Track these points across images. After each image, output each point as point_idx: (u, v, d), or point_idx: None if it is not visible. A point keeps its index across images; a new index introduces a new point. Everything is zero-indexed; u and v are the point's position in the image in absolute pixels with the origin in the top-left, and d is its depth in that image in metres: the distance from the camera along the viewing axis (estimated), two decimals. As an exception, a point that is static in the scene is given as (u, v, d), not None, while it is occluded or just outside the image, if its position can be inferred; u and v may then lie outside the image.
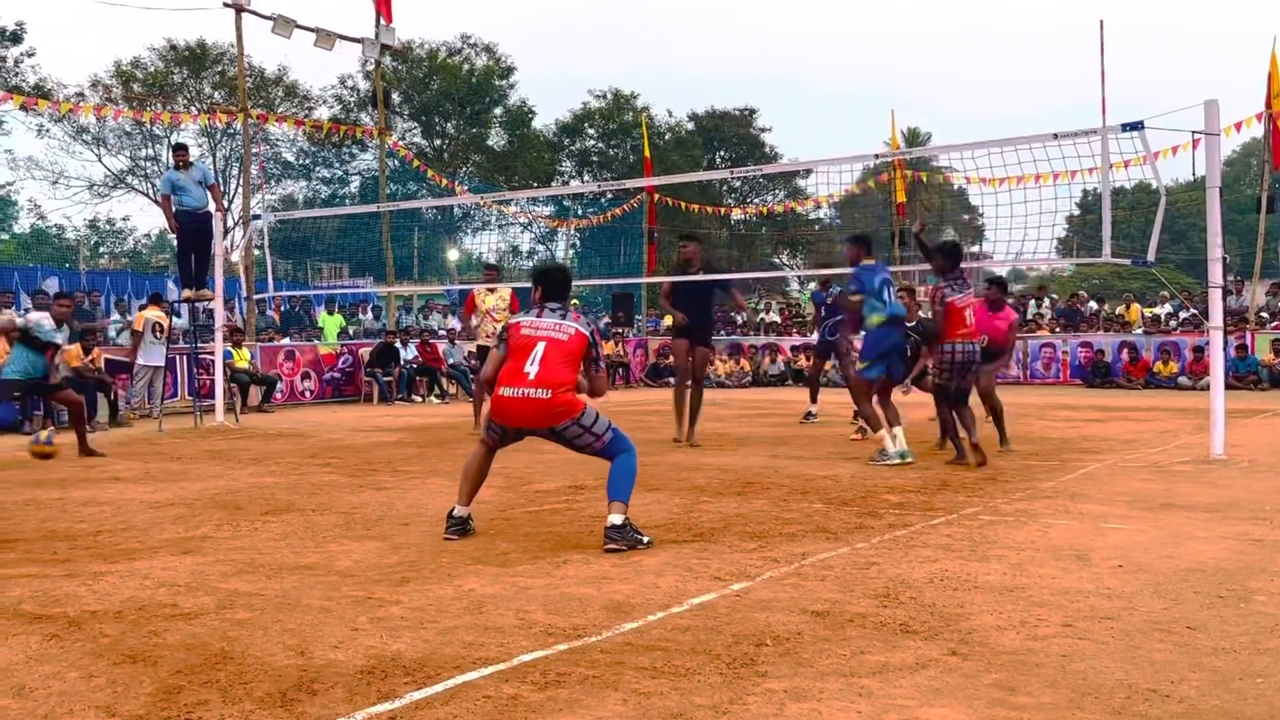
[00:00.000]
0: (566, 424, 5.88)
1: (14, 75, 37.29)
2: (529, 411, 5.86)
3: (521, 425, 5.96)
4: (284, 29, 18.43)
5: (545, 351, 5.89)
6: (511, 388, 5.86)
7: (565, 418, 5.86)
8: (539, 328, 6.00)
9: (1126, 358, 21.91)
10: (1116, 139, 9.32)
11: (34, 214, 45.32)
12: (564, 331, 5.98)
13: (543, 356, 5.87)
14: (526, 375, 5.84)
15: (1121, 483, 8.03)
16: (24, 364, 10.63)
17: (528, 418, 5.89)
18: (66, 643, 4.04)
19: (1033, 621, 4.21)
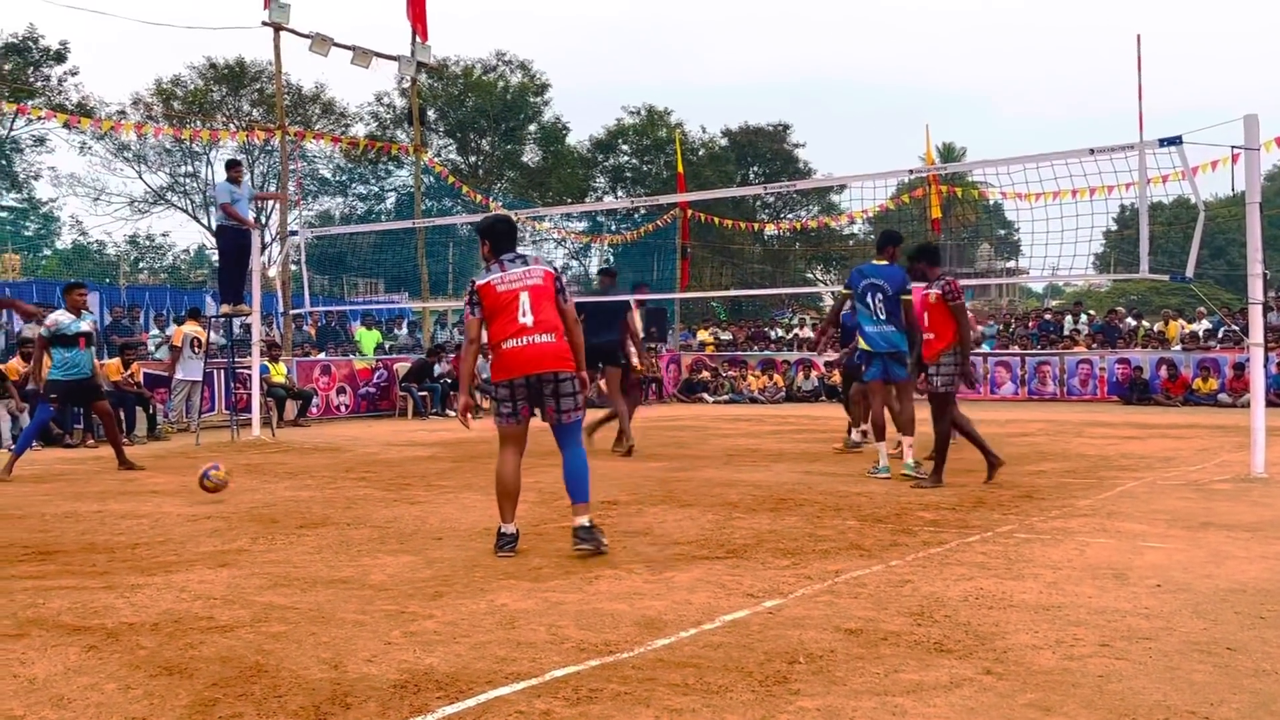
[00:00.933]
0: (570, 374, 6.04)
1: (58, 94, 37.86)
2: (540, 355, 5.94)
3: (533, 371, 5.95)
4: (321, 47, 18.63)
5: (531, 299, 5.98)
6: (516, 339, 5.93)
7: (570, 366, 6.05)
8: (511, 280, 6.05)
9: (1165, 374, 21.67)
10: (1154, 154, 9.24)
11: (76, 230, 45.98)
12: (535, 276, 6.07)
13: (531, 304, 5.97)
14: (525, 325, 5.95)
15: (1160, 501, 7.94)
16: (65, 364, 10.81)
17: (541, 361, 5.94)
18: (104, 654, 4.08)
19: (1069, 641, 4.16)
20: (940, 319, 8.87)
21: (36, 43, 37.74)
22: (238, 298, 14.71)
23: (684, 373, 26.17)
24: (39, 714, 3.45)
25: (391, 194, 47.96)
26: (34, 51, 37.82)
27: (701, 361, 25.96)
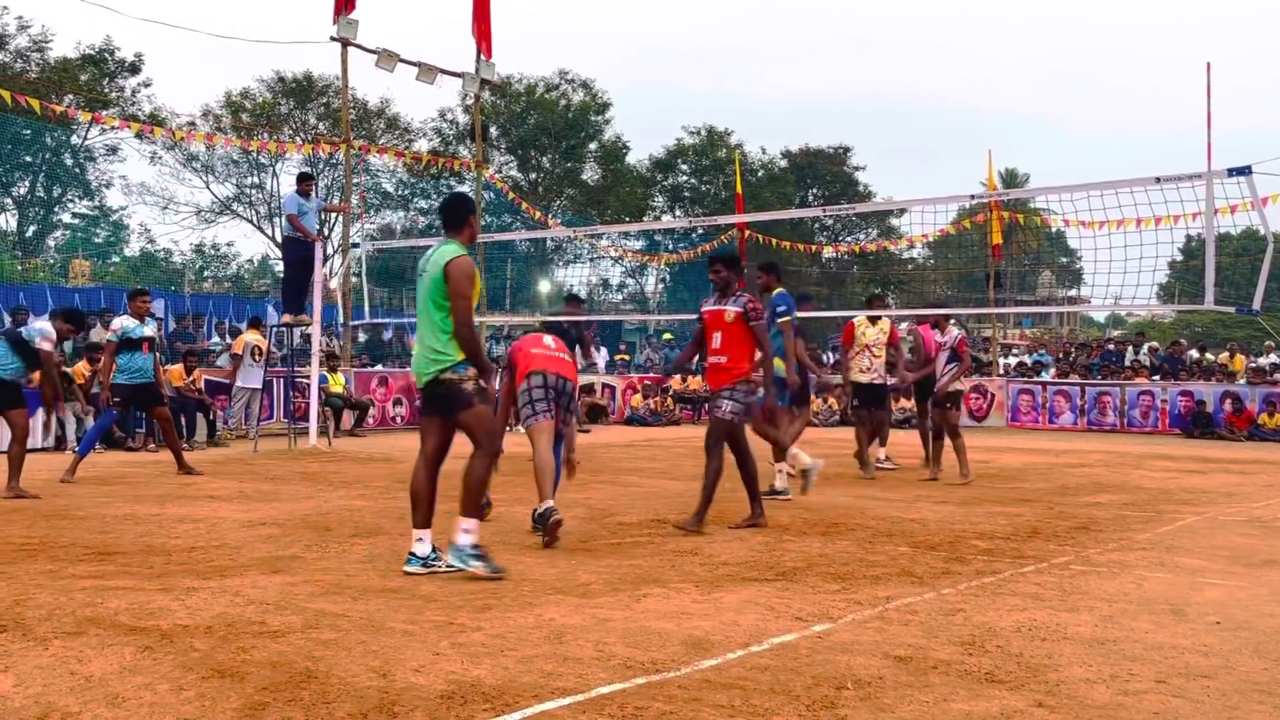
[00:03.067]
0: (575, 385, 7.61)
1: (131, 104, 38.71)
2: (561, 365, 7.49)
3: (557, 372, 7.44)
4: (387, 63, 18.87)
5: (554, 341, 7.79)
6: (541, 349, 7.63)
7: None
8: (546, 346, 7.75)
9: (1229, 408, 21.24)
10: (1222, 183, 9.11)
11: (144, 238, 46.96)
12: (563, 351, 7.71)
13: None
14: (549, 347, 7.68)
15: (1221, 537, 7.78)
16: (128, 369, 11.04)
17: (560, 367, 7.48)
18: (158, 655, 4.14)
19: (1124, 676, 4.09)
20: (737, 340, 7.79)
21: (113, 54, 38.65)
22: (299, 308, 14.92)
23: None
24: (94, 711, 3.51)
25: (452, 209, 48.33)
26: (110, 63, 38.73)
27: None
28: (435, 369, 5.93)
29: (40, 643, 4.30)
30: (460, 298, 5.88)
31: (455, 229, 6.20)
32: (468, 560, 5.81)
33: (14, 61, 36.17)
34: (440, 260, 5.95)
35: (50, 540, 6.83)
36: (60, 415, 13.93)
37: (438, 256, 6.00)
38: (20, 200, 40.13)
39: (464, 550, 5.84)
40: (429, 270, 5.98)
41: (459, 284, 5.88)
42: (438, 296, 5.91)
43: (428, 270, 6.00)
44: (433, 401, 6.12)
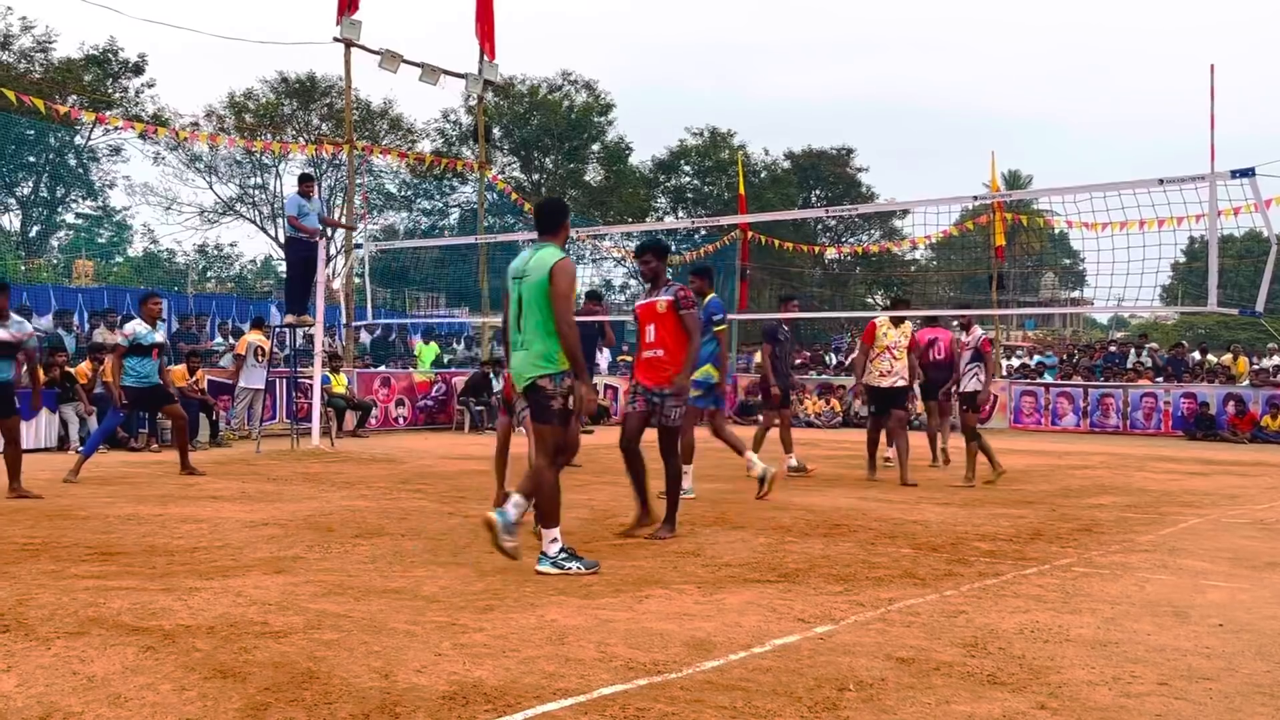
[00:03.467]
0: None
1: (135, 105, 38.75)
2: None
3: None
4: (391, 64, 18.89)
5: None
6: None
7: None
8: None
9: (1232, 410, 21.22)
10: (1225, 185, 9.09)
11: (147, 238, 47.00)
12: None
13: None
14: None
15: (1224, 539, 7.77)
16: (137, 373, 11.07)
17: None
18: (161, 655, 4.14)
19: (1126, 678, 4.09)
20: (672, 332, 7.45)
21: (116, 55, 38.69)
22: (303, 309, 14.93)
23: (740, 395, 26.09)
24: (96, 711, 3.51)
25: (455, 210, 48.46)
26: (114, 63, 38.77)
27: (757, 384, 25.85)
28: (536, 373, 6.07)
29: (43, 643, 4.30)
30: (563, 298, 6.02)
31: (552, 232, 6.35)
32: (564, 564, 5.95)
33: (18, 62, 36.21)
34: (547, 261, 6.06)
35: (53, 540, 6.84)
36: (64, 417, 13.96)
37: (542, 258, 6.10)
38: (24, 200, 40.17)
39: (557, 558, 5.98)
40: (533, 273, 6.07)
41: (563, 285, 6.02)
42: (543, 298, 6.03)
43: (531, 273, 6.09)
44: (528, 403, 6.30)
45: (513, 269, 6.26)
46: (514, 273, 6.22)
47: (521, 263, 6.21)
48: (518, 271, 6.19)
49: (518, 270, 6.20)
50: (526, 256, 6.22)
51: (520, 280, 6.15)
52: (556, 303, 6.01)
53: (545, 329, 6.05)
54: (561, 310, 6.01)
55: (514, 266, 6.26)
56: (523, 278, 6.13)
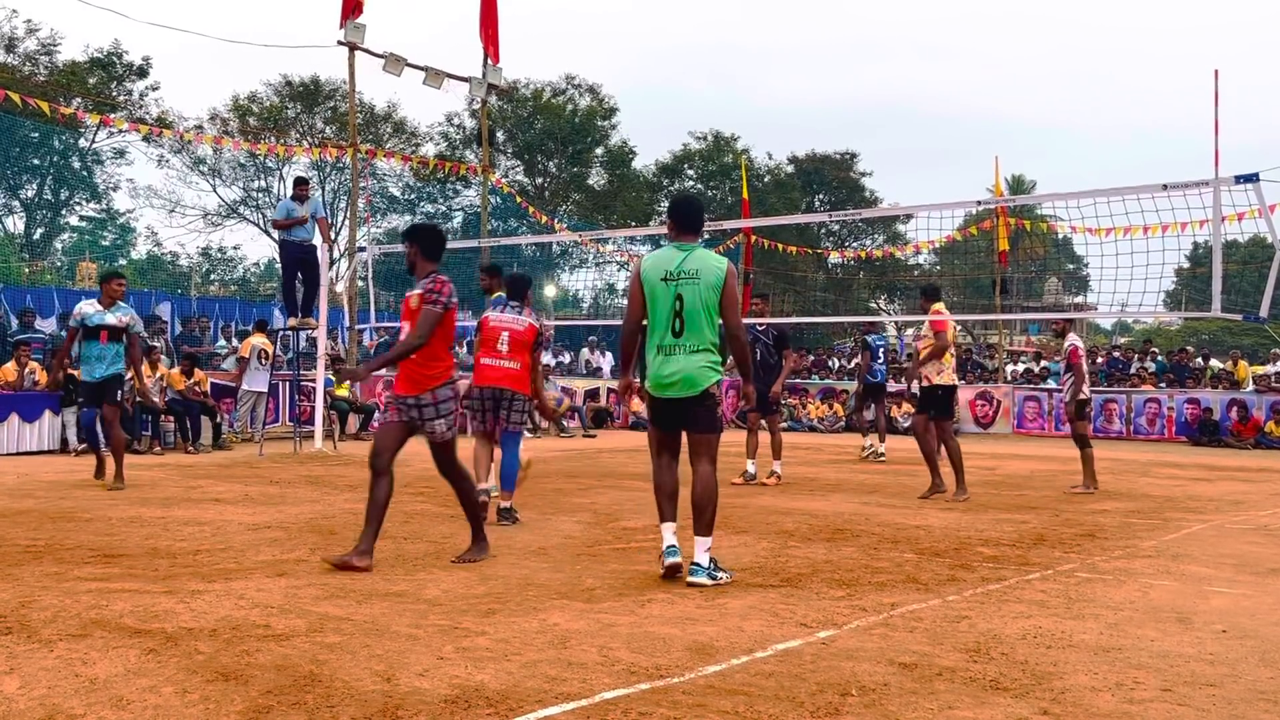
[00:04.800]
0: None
1: (139, 108, 38.80)
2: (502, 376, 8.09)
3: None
4: (395, 67, 18.90)
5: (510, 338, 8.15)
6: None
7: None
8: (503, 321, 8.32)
9: (1236, 416, 21.19)
10: (1229, 191, 9.10)
11: (151, 241, 47.06)
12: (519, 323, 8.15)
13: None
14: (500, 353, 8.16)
15: (1228, 544, 7.76)
16: (87, 360, 10.15)
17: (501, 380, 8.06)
18: (163, 658, 4.14)
19: (1129, 684, 4.08)
20: (524, 348, 7.38)
21: (121, 58, 38.75)
22: (295, 309, 14.94)
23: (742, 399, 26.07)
24: (98, 714, 3.51)
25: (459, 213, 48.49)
26: (118, 66, 38.83)
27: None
28: (709, 381, 5.84)
29: (45, 645, 4.30)
30: (737, 303, 5.89)
31: (695, 232, 6.08)
32: (716, 575, 5.83)
33: (23, 64, 36.28)
34: (716, 264, 5.86)
35: (56, 542, 6.84)
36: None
37: (708, 260, 5.89)
38: (28, 203, 40.25)
39: (710, 568, 5.83)
40: (703, 274, 5.83)
41: (736, 290, 5.89)
42: (715, 302, 5.83)
43: (700, 274, 5.83)
44: (680, 414, 5.95)
45: (664, 268, 5.89)
46: (665, 273, 5.87)
47: (676, 262, 5.89)
48: (673, 271, 5.86)
49: (673, 270, 5.86)
50: (679, 256, 5.90)
51: (679, 281, 5.83)
52: (732, 307, 5.84)
53: (713, 335, 5.86)
54: (738, 316, 5.90)
55: (665, 266, 5.90)
56: (683, 279, 5.82)
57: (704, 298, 5.81)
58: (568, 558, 6.62)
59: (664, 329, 5.87)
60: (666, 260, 5.92)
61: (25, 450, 13.70)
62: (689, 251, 5.92)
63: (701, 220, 6.15)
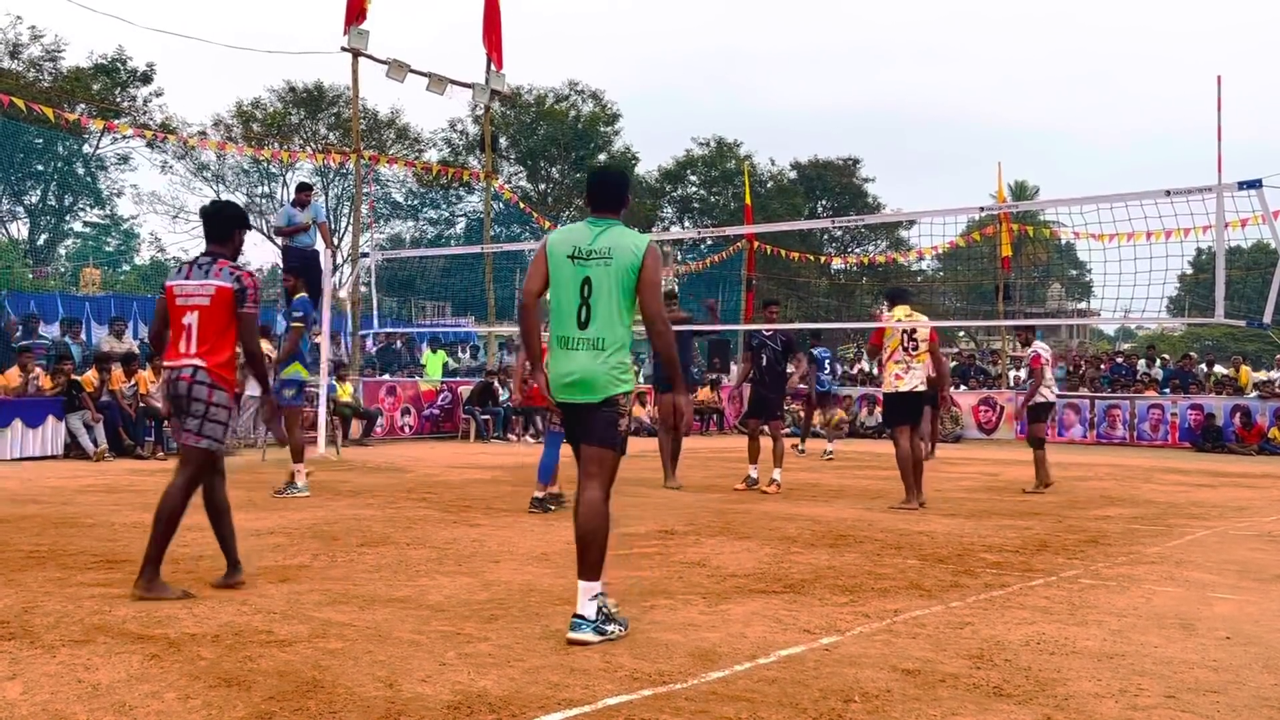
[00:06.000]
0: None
1: (143, 114, 38.92)
2: None
3: None
4: (398, 73, 18.95)
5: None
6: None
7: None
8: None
9: (1239, 422, 21.16)
10: (1233, 197, 9.09)
11: (154, 247, 47.16)
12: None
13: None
14: None
15: (1231, 551, 7.75)
16: None
17: None
18: (166, 663, 4.14)
19: (1133, 691, 4.07)
20: (218, 326, 5.60)
21: (125, 64, 38.88)
22: None
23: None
24: None
25: (461, 219, 48.59)
26: (122, 72, 38.96)
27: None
28: (616, 390, 4.82)
29: (48, 650, 4.30)
30: (658, 290, 4.84)
31: (614, 209, 5.03)
32: (604, 628, 4.70)
33: (27, 71, 36.39)
34: (636, 243, 4.85)
35: (59, 548, 6.84)
36: None
37: (625, 238, 4.88)
38: (32, 209, 40.35)
39: (597, 620, 4.71)
40: (619, 255, 4.81)
41: (657, 274, 4.84)
42: (631, 288, 4.82)
43: (615, 255, 4.81)
44: (575, 421, 4.93)
45: (573, 244, 4.88)
46: (574, 249, 4.85)
47: (588, 239, 4.88)
48: (583, 250, 4.84)
49: (584, 248, 4.85)
50: (592, 232, 4.90)
51: (589, 262, 4.82)
52: (652, 292, 4.81)
53: (626, 330, 4.85)
54: (659, 306, 4.86)
55: (574, 242, 4.89)
56: (594, 259, 4.81)
57: (617, 283, 4.79)
58: (570, 564, 6.58)
59: (568, 318, 4.83)
60: (577, 236, 4.92)
61: (28, 455, 13.70)
62: (604, 228, 4.91)
63: (624, 195, 5.11)
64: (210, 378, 5.48)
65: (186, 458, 5.54)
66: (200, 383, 5.47)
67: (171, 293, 5.63)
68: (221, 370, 5.51)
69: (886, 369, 10.43)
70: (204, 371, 5.48)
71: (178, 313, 5.58)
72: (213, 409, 5.49)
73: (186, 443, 5.51)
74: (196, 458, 5.52)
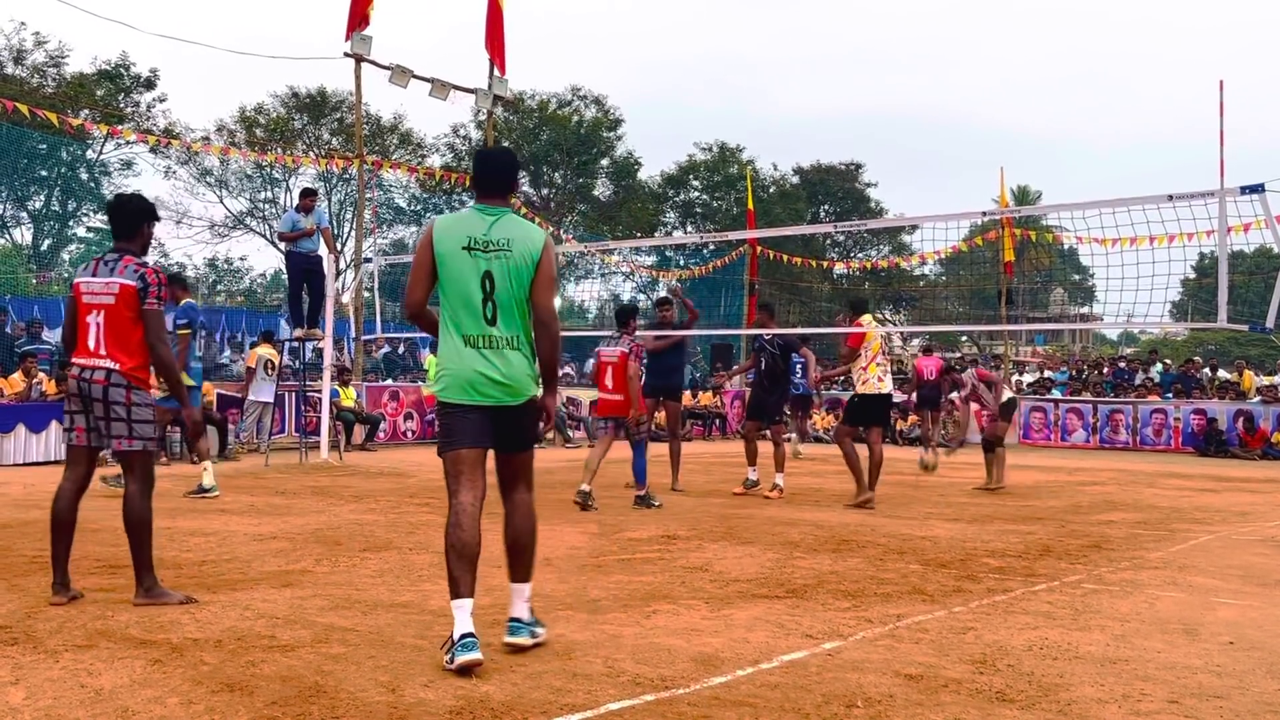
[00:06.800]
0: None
1: (146, 119, 38.94)
2: None
3: None
4: (401, 79, 18.96)
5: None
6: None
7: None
8: None
9: (1242, 426, 21.14)
10: (1235, 201, 9.08)
11: (158, 252, 47.17)
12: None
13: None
14: None
15: (1235, 556, 7.74)
16: None
17: None
18: (169, 668, 4.15)
19: (1136, 696, 4.07)
20: (125, 326, 5.46)
21: (128, 69, 38.90)
22: (301, 320, 14.97)
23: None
24: (104, 724, 3.51)
25: (464, 224, 48.51)
26: (125, 78, 38.98)
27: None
28: (535, 390, 4.63)
29: (51, 655, 4.31)
30: (554, 285, 4.64)
31: (504, 194, 4.72)
32: (537, 631, 4.66)
33: (31, 77, 36.43)
34: (535, 236, 4.58)
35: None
36: None
37: (524, 230, 4.59)
38: (36, 214, 40.38)
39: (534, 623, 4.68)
40: (519, 246, 4.52)
41: (554, 267, 4.63)
42: (528, 283, 4.55)
43: (515, 246, 4.52)
44: (492, 426, 4.57)
45: (467, 233, 4.53)
46: (470, 240, 4.51)
47: (483, 228, 4.53)
48: (479, 240, 4.51)
49: (479, 238, 4.51)
50: (486, 221, 4.55)
51: (489, 254, 4.50)
52: (548, 289, 4.58)
53: (528, 324, 4.59)
54: (552, 303, 4.63)
55: (468, 231, 4.54)
56: (493, 251, 4.50)
57: (519, 277, 4.51)
58: (573, 569, 6.61)
59: (472, 315, 4.50)
60: (469, 224, 4.55)
61: (32, 461, 13.72)
62: (497, 216, 4.57)
63: (514, 178, 4.82)
64: (126, 379, 5.43)
65: (128, 464, 5.53)
66: (116, 385, 5.41)
67: (79, 290, 5.55)
68: (137, 372, 5.47)
69: (868, 371, 10.69)
70: (118, 374, 5.42)
71: (84, 311, 5.48)
72: (135, 409, 5.45)
73: (120, 449, 5.46)
74: (138, 460, 5.52)
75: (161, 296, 5.48)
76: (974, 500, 11.26)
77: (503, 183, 4.72)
